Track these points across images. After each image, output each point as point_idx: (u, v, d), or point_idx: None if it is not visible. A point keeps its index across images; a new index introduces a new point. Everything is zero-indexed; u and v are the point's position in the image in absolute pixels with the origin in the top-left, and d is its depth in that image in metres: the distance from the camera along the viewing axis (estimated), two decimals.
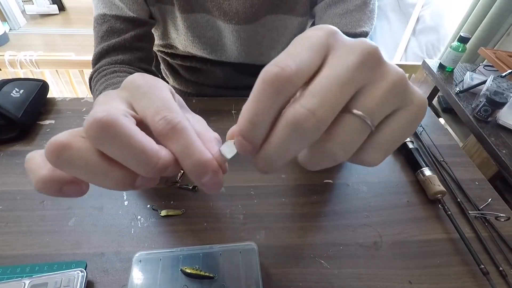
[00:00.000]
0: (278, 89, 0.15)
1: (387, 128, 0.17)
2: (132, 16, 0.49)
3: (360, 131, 0.16)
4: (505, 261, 0.39)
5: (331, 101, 0.15)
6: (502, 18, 1.33)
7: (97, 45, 0.51)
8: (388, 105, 0.16)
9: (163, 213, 0.41)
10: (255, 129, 0.16)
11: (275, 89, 0.15)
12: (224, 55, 0.61)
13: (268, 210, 0.42)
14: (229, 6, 0.51)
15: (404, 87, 0.17)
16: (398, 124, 0.17)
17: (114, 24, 0.49)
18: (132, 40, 0.50)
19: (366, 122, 0.16)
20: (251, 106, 0.16)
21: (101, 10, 0.49)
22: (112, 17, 0.49)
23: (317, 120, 0.15)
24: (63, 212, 0.40)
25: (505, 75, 0.99)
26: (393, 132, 0.17)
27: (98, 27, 0.50)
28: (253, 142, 0.16)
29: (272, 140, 0.16)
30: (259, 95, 0.16)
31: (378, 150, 0.17)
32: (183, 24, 0.54)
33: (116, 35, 0.50)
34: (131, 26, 0.50)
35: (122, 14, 0.49)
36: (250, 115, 0.16)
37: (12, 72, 1.01)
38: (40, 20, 2.95)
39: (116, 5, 0.48)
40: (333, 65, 0.16)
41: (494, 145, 0.86)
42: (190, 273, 0.33)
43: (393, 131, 0.17)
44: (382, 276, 0.36)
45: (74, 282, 0.31)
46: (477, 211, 0.44)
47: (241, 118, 0.16)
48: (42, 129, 0.52)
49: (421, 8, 1.84)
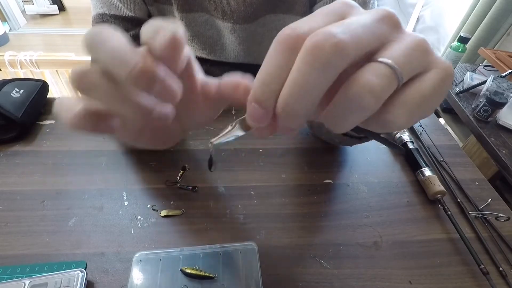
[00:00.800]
0: (290, 47, 0.15)
1: (414, 86, 0.16)
2: (131, 15, 0.50)
3: (388, 76, 0.15)
4: (505, 261, 0.39)
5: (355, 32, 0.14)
6: (502, 18, 1.33)
7: None
8: (413, 61, 0.16)
9: (163, 213, 0.41)
10: (267, 90, 0.15)
11: (287, 47, 0.15)
12: (223, 55, 0.61)
13: (268, 210, 0.42)
14: (227, 5, 0.51)
15: (427, 48, 0.16)
16: (425, 84, 0.16)
17: (113, 24, 0.49)
18: (132, 40, 0.50)
19: (394, 70, 0.15)
20: (263, 67, 0.16)
21: (99, 10, 0.49)
22: (110, 16, 0.49)
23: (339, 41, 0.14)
24: (63, 212, 0.40)
25: (505, 75, 0.99)
26: (420, 91, 0.16)
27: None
28: (266, 105, 0.16)
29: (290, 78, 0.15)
30: (272, 55, 0.16)
31: (404, 108, 0.16)
32: (182, 24, 0.54)
33: None
34: (130, 26, 0.50)
35: (121, 14, 0.49)
36: (262, 75, 0.16)
37: (12, 72, 1.01)
38: (40, 20, 2.95)
39: (115, 5, 0.49)
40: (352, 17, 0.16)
41: (494, 145, 0.86)
42: (190, 273, 0.33)
43: (420, 90, 0.16)
44: (382, 276, 0.36)
45: (74, 282, 0.31)
46: (477, 211, 0.44)
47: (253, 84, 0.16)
48: (42, 129, 0.52)
49: (421, 8, 1.84)
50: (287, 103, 0.15)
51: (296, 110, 0.15)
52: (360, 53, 0.15)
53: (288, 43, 0.15)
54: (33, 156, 0.47)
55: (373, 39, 0.15)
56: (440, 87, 0.16)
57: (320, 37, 0.14)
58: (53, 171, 0.45)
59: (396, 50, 0.15)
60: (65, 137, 0.51)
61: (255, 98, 0.16)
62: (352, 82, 0.15)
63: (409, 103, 0.16)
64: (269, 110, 0.16)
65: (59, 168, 0.46)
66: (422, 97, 0.16)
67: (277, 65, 0.15)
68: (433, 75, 0.16)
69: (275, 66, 0.15)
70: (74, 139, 0.51)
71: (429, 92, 0.16)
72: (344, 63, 0.14)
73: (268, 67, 0.16)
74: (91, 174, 0.45)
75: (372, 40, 0.15)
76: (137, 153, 0.49)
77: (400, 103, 0.16)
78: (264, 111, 0.16)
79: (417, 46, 0.16)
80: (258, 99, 0.16)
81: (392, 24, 0.16)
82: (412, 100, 0.16)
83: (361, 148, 0.53)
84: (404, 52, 0.15)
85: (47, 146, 0.49)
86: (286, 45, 0.15)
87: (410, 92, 0.16)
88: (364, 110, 0.15)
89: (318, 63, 0.14)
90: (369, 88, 0.14)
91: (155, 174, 0.46)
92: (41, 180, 0.44)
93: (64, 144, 0.50)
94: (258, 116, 0.16)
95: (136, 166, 0.47)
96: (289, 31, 0.15)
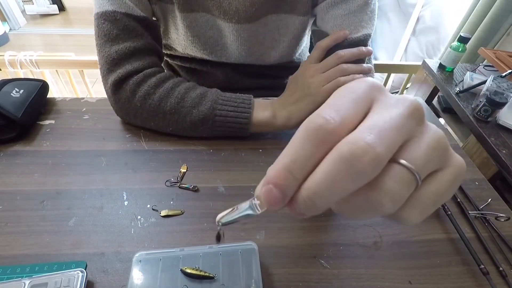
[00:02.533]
0: (321, 139, 0.15)
1: (429, 186, 0.16)
2: (142, 15, 0.49)
3: (408, 182, 0.15)
4: (505, 261, 0.39)
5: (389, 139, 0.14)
6: (502, 18, 1.33)
7: (109, 43, 0.48)
8: (432, 161, 0.16)
9: (163, 213, 0.41)
10: (290, 177, 0.15)
11: (318, 139, 0.15)
12: (224, 56, 0.61)
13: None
14: (229, 5, 0.51)
15: (446, 146, 0.16)
16: (440, 183, 0.16)
17: (128, 22, 0.48)
18: (156, 42, 0.52)
19: (414, 174, 0.15)
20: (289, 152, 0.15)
21: (109, 7, 0.47)
22: (123, 14, 0.47)
23: (376, 156, 0.14)
24: (63, 212, 0.40)
25: (505, 75, 0.99)
26: (435, 191, 0.16)
27: (108, 24, 0.47)
28: (285, 192, 0.15)
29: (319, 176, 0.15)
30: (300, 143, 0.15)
31: (419, 208, 0.16)
32: (183, 24, 0.54)
33: (133, 34, 0.48)
34: (141, 26, 0.49)
35: (132, 13, 0.48)
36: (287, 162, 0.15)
37: (12, 72, 1.01)
38: (40, 20, 2.95)
39: (125, 3, 0.47)
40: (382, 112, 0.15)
41: (494, 145, 0.86)
42: (190, 273, 0.33)
43: (435, 190, 0.16)
44: (382, 276, 0.36)
45: (74, 282, 0.31)
46: (477, 211, 0.44)
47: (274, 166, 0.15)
48: (42, 129, 0.52)
49: (421, 8, 1.84)
50: (311, 198, 0.15)
51: (318, 205, 0.15)
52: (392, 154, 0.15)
53: (320, 135, 0.15)
54: (33, 156, 0.47)
55: (402, 140, 0.15)
56: (454, 183, 0.17)
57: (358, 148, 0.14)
58: (53, 171, 0.45)
59: (418, 151, 0.15)
60: (65, 137, 0.51)
61: (276, 183, 0.15)
62: (374, 187, 0.15)
63: (424, 203, 0.16)
64: (287, 197, 0.15)
65: (59, 168, 0.46)
66: (437, 197, 0.16)
67: (304, 155, 0.15)
68: (448, 175, 0.16)
69: (302, 156, 0.15)
70: (74, 139, 0.51)
71: (444, 192, 0.16)
72: (377, 172, 0.14)
73: (294, 154, 0.15)
74: (91, 174, 0.45)
75: (401, 141, 0.15)
76: (137, 153, 0.49)
77: (416, 204, 0.16)
78: (282, 196, 0.15)
79: (438, 144, 0.16)
80: (279, 184, 0.15)
81: (419, 117, 0.16)
82: (428, 201, 0.16)
83: None
84: (425, 153, 0.15)
85: (47, 146, 0.49)
86: (317, 136, 0.15)
87: (426, 193, 0.16)
88: (381, 213, 0.15)
89: (353, 173, 0.14)
90: (391, 196, 0.15)
91: (155, 174, 0.46)
92: (41, 180, 0.44)
93: (64, 144, 0.50)
94: (275, 200, 0.16)
95: (136, 166, 0.47)
96: (321, 122, 0.15)
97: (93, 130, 0.53)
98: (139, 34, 0.49)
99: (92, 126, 0.53)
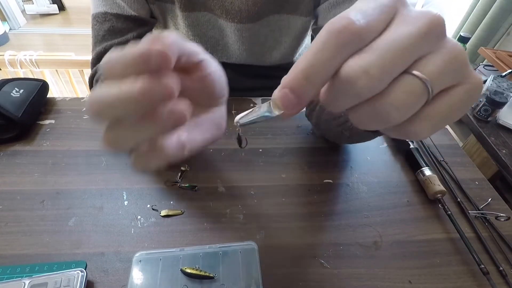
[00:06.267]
0: (344, 41, 0.14)
1: (443, 100, 0.16)
2: (134, 15, 0.49)
3: (419, 93, 0.15)
4: (505, 261, 0.39)
5: (389, 63, 0.14)
6: (502, 18, 1.33)
7: (97, 44, 0.51)
8: (448, 75, 0.15)
9: (163, 213, 0.41)
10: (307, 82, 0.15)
11: (340, 41, 0.14)
12: (225, 56, 0.61)
13: (268, 210, 0.42)
14: (231, 5, 0.51)
15: (464, 61, 0.16)
16: (454, 98, 0.16)
17: (116, 23, 0.49)
18: (134, 40, 0.50)
19: (426, 85, 0.15)
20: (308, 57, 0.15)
21: (101, 8, 0.49)
22: (113, 16, 0.49)
23: (369, 80, 0.14)
24: (63, 212, 0.40)
25: (505, 75, 0.99)
26: (448, 106, 0.16)
27: (98, 25, 0.49)
28: (301, 97, 0.15)
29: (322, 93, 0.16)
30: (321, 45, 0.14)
31: (428, 122, 0.16)
32: (184, 23, 0.54)
33: (119, 35, 0.49)
34: (132, 25, 0.50)
35: (123, 13, 0.49)
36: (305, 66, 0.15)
37: (12, 72, 1.01)
38: (40, 20, 2.95)
39: (117, 4, 0.48)
40: (398, 29, 0.15)
41: (494, 145, 0.86)
42: (190, 273, 0.33)
43: (448, 105, 0.16)
44: (382, 276, 0.36)
45: (74, 282, 0.31)
46: (477, 211, 0.44)
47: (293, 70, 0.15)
48: (42, 129, 0.52)
49: (421, 8, 1.84)
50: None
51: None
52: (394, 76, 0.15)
53: (342, 38, 0.14)
54: (33, 156, 0.47)
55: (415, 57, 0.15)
56: (469, 102, 0.16)
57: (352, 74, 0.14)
58: (53, 171, 0.45)
59: (433, 64, 0.15)
60: (65, 137, 0.51)
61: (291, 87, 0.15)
62: (382, 96, 0.15)
63: (435, 117, 0.16)
64: (303, 101, 0.15)
65: (59, 168, 0.46)
66: (449, 112, 0.16)
67: (323, 60, 0.14)
68: (464, 91, 0.16)
69: (321, 61, 0.14)
70: (74, 139, 0.51)
71: (456, 108, 0.16)
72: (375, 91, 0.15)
73: (312, 58, 0.15)
74: (91, 174, 0.45)
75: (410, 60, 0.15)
76: None
77: (426, 117, 0.16)
78: (297, 100, 0.15)
79: (455, 59, 0.15)
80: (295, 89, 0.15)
81: (439, 33, 0.15)
82: (439, 115, 0.16)
83: (361, 148, 0.53)
84: (441, 65, 0.15)
85: (47, 146, 0.49)
86: (340, 39, 0.14)
87: (438, 106, 0.16)
88: (389, 123, 0.15)
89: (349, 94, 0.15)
90: (398, 105, 0.15)
91: (155, 174, 0.46)
92: (41, 180, 0.44)
93: (64, 144, 0.50)
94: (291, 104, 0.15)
95: None
96: (346, 22, 0.14)
97: (93, 130, 0.53)
98: (123, 34, 0.50)
99: (92, 126, 0.53)
